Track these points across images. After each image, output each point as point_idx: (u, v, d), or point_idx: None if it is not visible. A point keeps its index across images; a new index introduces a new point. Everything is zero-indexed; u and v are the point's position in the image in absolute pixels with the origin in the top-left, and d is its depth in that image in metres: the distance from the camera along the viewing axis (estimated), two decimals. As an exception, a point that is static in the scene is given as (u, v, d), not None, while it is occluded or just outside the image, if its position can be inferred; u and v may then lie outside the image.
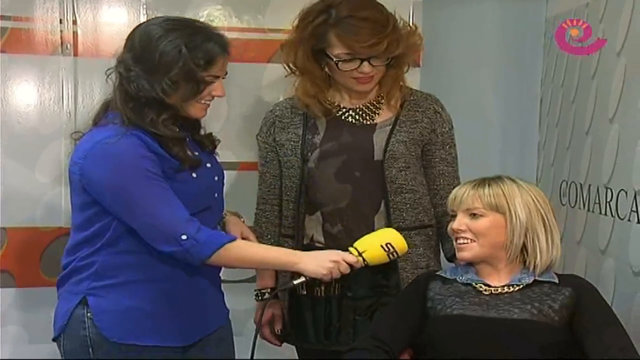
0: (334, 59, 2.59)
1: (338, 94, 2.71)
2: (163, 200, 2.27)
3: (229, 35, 3.09)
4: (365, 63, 2.58)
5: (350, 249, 2.39)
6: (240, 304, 3.11)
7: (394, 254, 2.39)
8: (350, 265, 2.36)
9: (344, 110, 2.71)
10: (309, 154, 2.67)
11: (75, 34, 3.12)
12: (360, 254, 2.37)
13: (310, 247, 2.68)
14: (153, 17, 2.99)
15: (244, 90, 3.25)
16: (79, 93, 3.12)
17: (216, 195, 2.48)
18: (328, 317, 2.68)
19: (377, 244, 2.40)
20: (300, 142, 2.67)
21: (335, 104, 2.71)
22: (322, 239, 2.69)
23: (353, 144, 2.66)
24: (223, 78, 2.41)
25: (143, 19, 3.15)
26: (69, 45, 3.11)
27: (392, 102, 2.70)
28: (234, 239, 2.36)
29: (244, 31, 3.26)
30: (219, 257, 2.31)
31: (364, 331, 2.50)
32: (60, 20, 3.10)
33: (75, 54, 3.13)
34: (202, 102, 2.39)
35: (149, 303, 2.34)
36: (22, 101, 3.15)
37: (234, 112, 3.26)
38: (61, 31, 3.10)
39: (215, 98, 2.43)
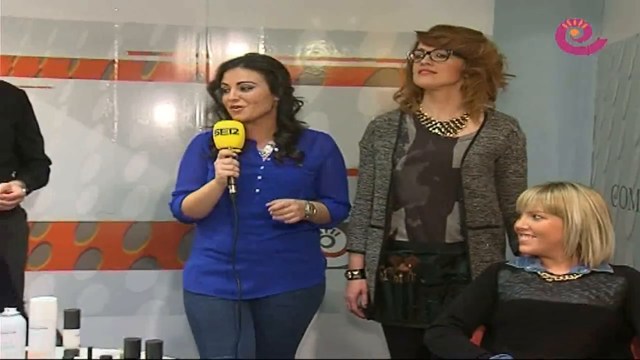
0: (411, 57, 2.63)
1: (429, 109, 2.69)
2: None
3: (331, 64, 3.22)
4: (427, 56, 2.57)
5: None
6: (336, 286, 3.12)
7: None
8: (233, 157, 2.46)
9: (433, 123, 2.67)
10: (398, 159, 2.64)
11: (207, 65, 3.15)
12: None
13: (393, 238, 2.66)
14: (270, 50, 3.14)
15: (343, 109, 3.24)
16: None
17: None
18: (406, 300, 2.63)
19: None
20: (392, 149, 2.65)
21: (426, 118, 2.68)
22: (404, 231, 2.65)
23: (436, 152, 2.62)
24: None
25: (262, 51, 3.17)
26: (202, 74, 3.15)
27: (474, 116, 2.65)
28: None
29: (343, 60, 3.24)
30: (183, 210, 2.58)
31: (437, 312, 2.49)
32: (197, 54, 3.14)
33: (207, 81, 3.06)
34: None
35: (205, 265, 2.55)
36: (164, 120, 3.20)
37: (335, 126, 3.20)
38: (197, 63, 3.14)
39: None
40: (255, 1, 3.17)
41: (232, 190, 2.44)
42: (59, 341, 1.89)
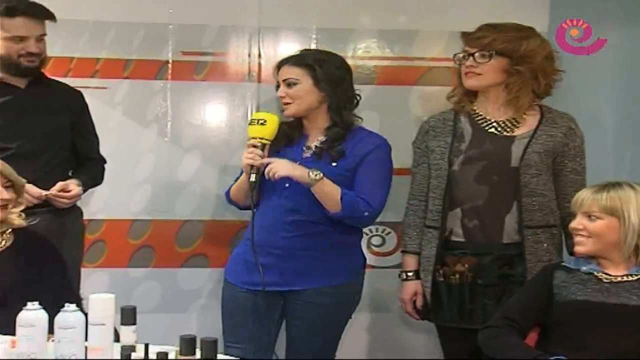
0: (456, 59, 2.63)
1: (484, 108, 2.66)
2: None
3: (382, 63, 3.20)
4: (470, 58, 2.55)
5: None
6: (387, 286, 3.11)
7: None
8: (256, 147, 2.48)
9: (489, 122, 2.64)
10: (455, 158, 2.61)
11: (259, 64, 3.16)
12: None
13: (449, 238, 2.63)
14: (321, 49, 3.08)
15: (394, 108, 3.22)
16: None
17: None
18: (462, 300, 2.61)
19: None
20: (448, 148, 2.62)
21: (481, 117, 2.65)
22: (460, 231, 2.62)
23: (493, 151, 2.59)
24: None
25: None
26: (254, 74, 3.15)
27: (522, 112, 2.62)
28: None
29: (394, 59, 3.22)
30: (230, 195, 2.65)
31: (493, 313, 2.44)
32: (249, 54, 3.15)
33: (259, 81, 3.16)
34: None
35: (242, 254, 2.58)
36: (216, 119, 3.21)
37: (385, 126, 3.17)
38: (249, 63, 3.14)
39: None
40: (308, 1, 3.17)
41: (252, 178, 2.47)
42: (116, 337, 1.91)
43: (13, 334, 1.92)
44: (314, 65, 2.55)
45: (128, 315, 1.90)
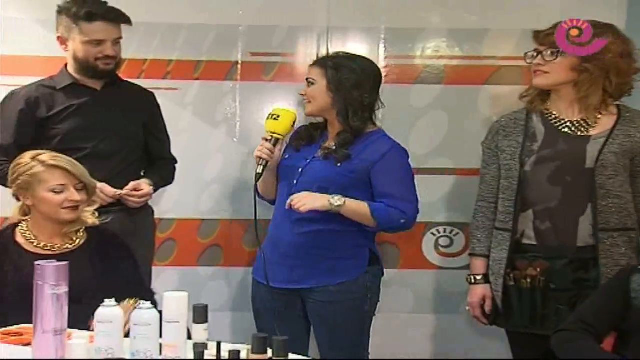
0: (526, 58, 2.59)
1: (557, 108, 2.60)
2: None
3: (451, 62, 3.17)
4: (539, 56, 2.53)
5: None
6: (454, 287, 3.08)
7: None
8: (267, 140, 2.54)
9: (562, 122, 2.59)
10: (527, 159, 2.56)
11: None
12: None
13: (520, 241, 2.57)
14: (391, 49, 3.14)
15: (463, 108, 3.18)
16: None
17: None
18: (534, 305, 2.55)
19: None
20: (520, 148, 2.57)
21: (555, 116, 2.60)
22: (532, 234, 2.57)
23: (567, 152, 2.54)
24: None
25: (382, 51, 3.17)
26: None
27: (594, 111, 2.56)
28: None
29: (463, 59, 3.19)
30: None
31: (565, 318, 2.37)
32: (317, 54, 3.10)
33: None
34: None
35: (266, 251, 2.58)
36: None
37: (453, 126, 3.18)
38: None
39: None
40: (376, 0, 3.16)
41: (258, 170, 2.53)
42: (188, 335, 1.93)
43: (88, 329, 2.01)
44: (330, 68, 2.57)
45: (200, 313, 1.91)
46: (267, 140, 2.54)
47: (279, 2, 3.14)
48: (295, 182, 2.58)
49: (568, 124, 2.59)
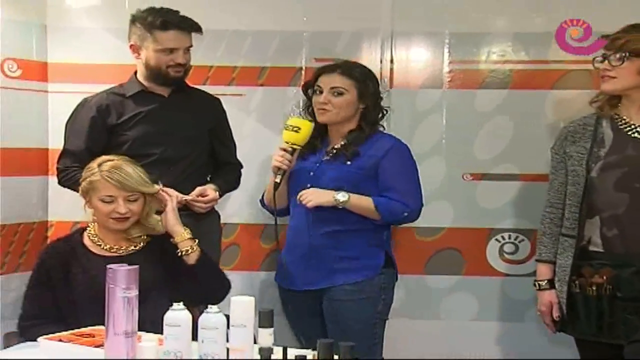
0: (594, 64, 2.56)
1: (627, 113, 2.55)
2: None
3: (517, 67, 3.14)
4: (606, 61, 2.49)
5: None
6: (520, 295, 3.04)
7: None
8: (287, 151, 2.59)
9: (632, 127, 2.53)
10: (593, 165, 2.52)
11: (391, 70, 3.16)
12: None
13: (587, 248, 2.53)
14: (455, 54, 3.11)
15: (529, 113, 3.13)
16: (391, 118, 3.01)
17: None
18: (600, 313, 2.50)
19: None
20: (587, 154, 2.53)
21: (624, 121, 2.54)
22: (599, 241, 2.52)
23: (636, 157, 2.48)
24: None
25: (447, 56, 3.16)
26: (385, 79, 3.13)
27: None
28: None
29: (530, 63, 3.14)
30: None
31: (636, 328, 2.33)
32: (380, 59, 3.15)
33: (391, 87, 3.15)
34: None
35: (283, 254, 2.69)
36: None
37: (519, 131, 3.14)
38: (380, 68, 3.13)
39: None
40: (441, 5, 3.14)
41: (277, 179, 2.59)
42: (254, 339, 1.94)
43: (153, 330, 2.03)
44: (362, 79, 2.64)
45: (266, 318, 1.92)
46: (286, 151, 2.59)
47: (342, 7, 3.14)
48: (308, 185, 2.62)
49: (638, 128, 2.53)
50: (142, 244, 2.40)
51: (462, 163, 3.16)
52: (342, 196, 2.56)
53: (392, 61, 3.16)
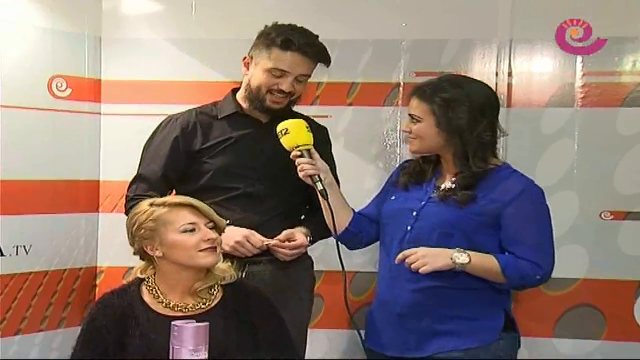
0: None
1: None
2: None
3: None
4: None
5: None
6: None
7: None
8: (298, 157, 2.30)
9: None
10: None
11: (509, 85, 2.88)
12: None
13: None
14: (589, 66, 2.80)
15: (598, 133, 2.82)
16: (508, 143, 2.71)
17: None
18: None
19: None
20: None
21: None
22: None
23: None
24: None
25: (579, 67, 2.83)
26: (502, 96, 2.83)
27: None
28: None
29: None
30: None
31: None
32: (496, 73, 2.87)
33: (509, 105, 2.86)
34: None
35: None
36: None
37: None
38: (495, 83, 2.86)
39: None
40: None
41: (319, 187, 2.29)
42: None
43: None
44: (437, 105, 2.23)
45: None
46: (299, 156, 2.31)
47: (449, 11, 2.91)
48: (409, 227, 2.26)
49: None
50: (213, 299, 2.11)
51: (599, 198, 2.86)
52: (462, 258, 2.17)
53: (510, 74, 2.89)
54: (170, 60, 2.94)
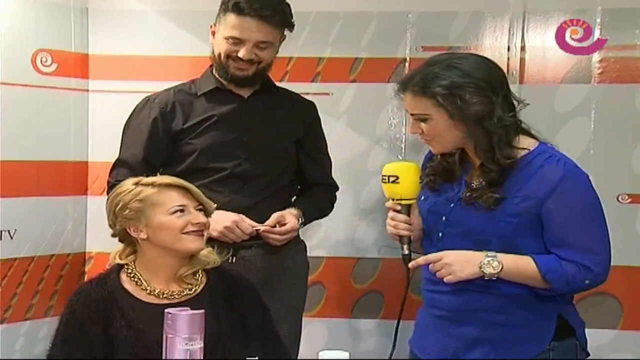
0: None
1: None
2: None
3: None
4: None
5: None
6: None
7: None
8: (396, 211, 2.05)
9: None
10: None
11: (522, 60, 2.79)
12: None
13: None
14: (610, 37, 2.70)
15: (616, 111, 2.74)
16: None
17: None
18: None
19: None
20: None
21: None
22: None
23: None
24: None
25: (597, 36, 2.76)
26: (514, 72, 2.77)
27: None
28: None
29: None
30: None
31: None
32: (508, 47, 2.80)
33: (521, 82, 2.77)
34: None
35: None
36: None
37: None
38: (507, 58, 2.79)
39: None
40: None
41: (404, 251, 2.04)
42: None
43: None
44: (443, 96, 1.91)
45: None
46: (396, 211, 2.04)
47: None
48: (439, 234, 2.04)
49: None
50: (199, 286, 2.04)
51: (616, 181, 2.75)
52: (492, 266, 1.91)
53: (523, 49, 2.79)
54: (163, 33, 2.87)
